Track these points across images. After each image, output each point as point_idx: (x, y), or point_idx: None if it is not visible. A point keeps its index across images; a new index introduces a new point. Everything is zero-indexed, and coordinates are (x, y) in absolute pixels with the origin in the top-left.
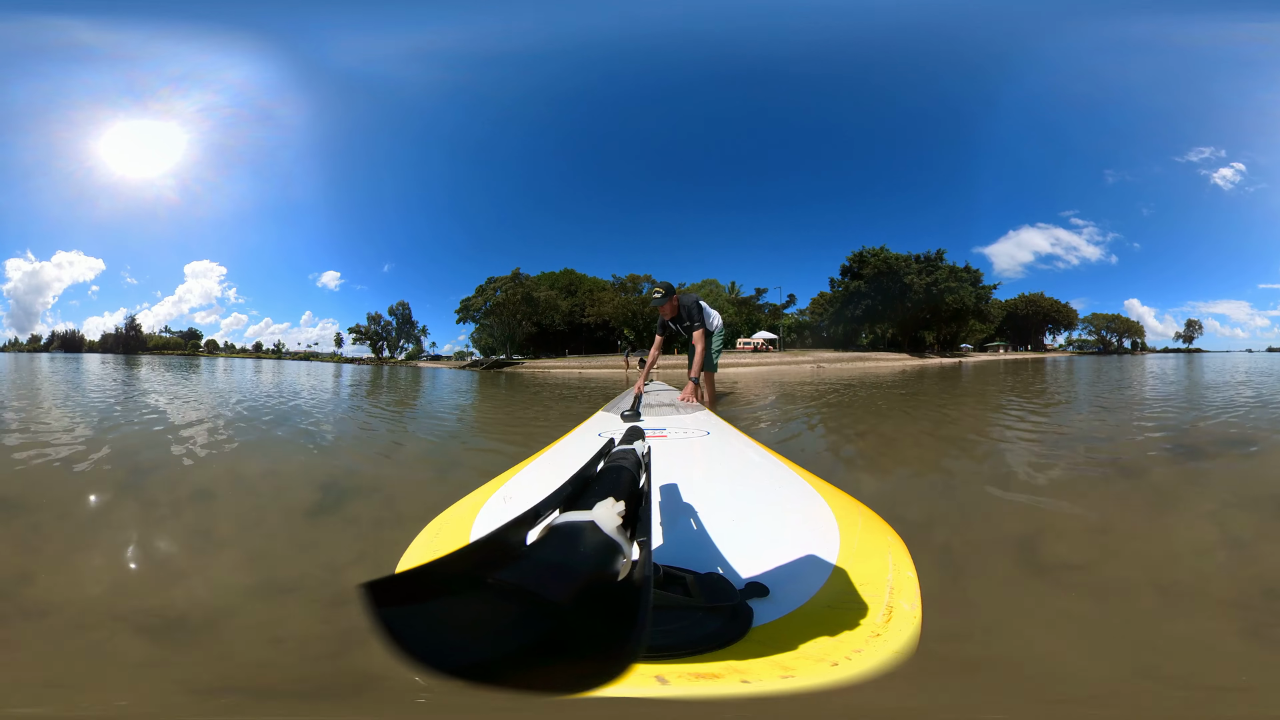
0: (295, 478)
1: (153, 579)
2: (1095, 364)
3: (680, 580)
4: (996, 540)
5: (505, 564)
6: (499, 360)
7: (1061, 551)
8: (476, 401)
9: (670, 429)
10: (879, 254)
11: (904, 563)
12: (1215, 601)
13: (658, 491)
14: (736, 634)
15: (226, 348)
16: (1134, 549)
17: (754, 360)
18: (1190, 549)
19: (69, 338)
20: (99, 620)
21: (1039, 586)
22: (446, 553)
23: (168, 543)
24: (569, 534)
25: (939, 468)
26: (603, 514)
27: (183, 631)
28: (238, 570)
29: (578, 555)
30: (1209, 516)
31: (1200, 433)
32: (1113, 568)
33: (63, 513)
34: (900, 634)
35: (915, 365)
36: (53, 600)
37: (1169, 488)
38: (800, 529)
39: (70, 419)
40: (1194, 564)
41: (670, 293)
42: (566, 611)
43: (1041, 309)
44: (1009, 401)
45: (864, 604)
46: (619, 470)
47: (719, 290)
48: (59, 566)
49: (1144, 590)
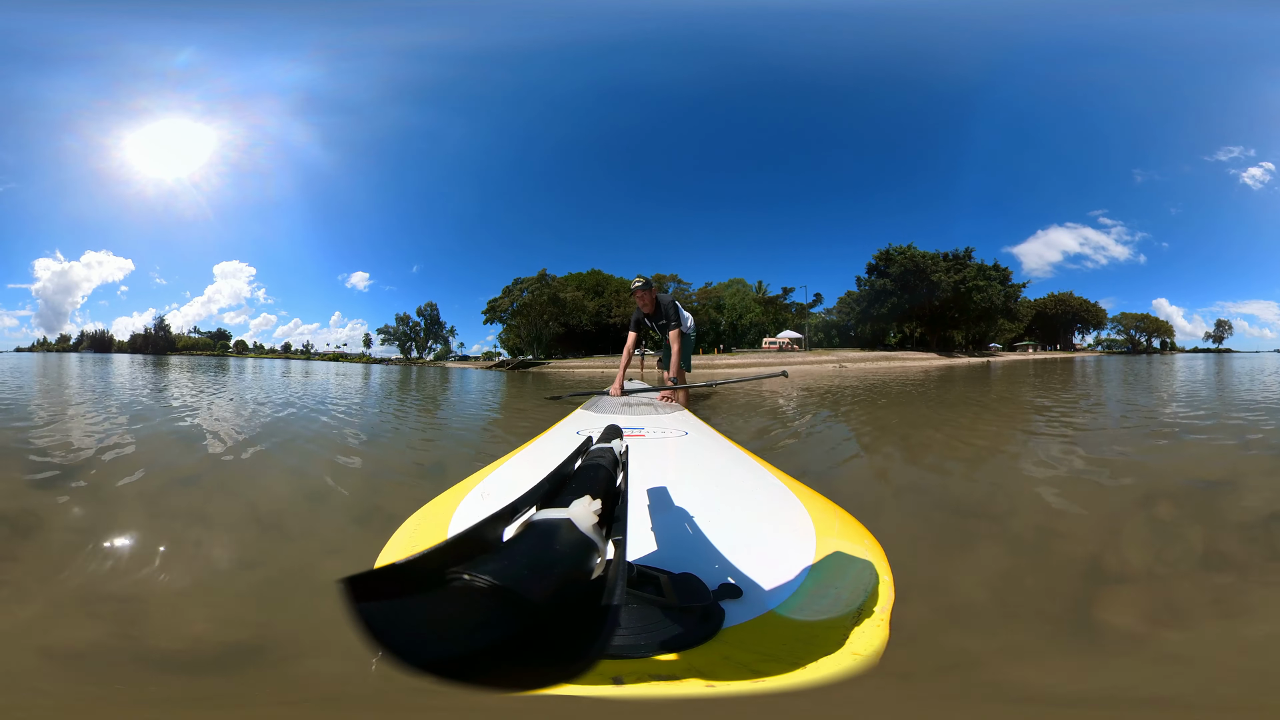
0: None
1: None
2: (1129, 364)
3: (654, 580)
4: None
5: (482, 560)
6: (525, 360)
7: None
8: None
9: (648, 428)
10: (906, 252)
11: (879, 567)
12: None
13: (635, 490)
14: (707, 634)
15: (255, 348)
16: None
17: (776, 360)
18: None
19: (98, 338)
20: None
21: None
22: (425, 548)
23: None
24: (545, 531)
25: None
26: (579, 512)
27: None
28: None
29: (553, 553)
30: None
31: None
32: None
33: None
34: (870, 638)
35: (941, 365)
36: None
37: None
38: (776, 531)
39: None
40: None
41: (648, 283)
42: (540, 610)
43: (1071, 308)
44: (1036, 423)
45: (837, 607)
46: (596, 468)
47: (746, 289)
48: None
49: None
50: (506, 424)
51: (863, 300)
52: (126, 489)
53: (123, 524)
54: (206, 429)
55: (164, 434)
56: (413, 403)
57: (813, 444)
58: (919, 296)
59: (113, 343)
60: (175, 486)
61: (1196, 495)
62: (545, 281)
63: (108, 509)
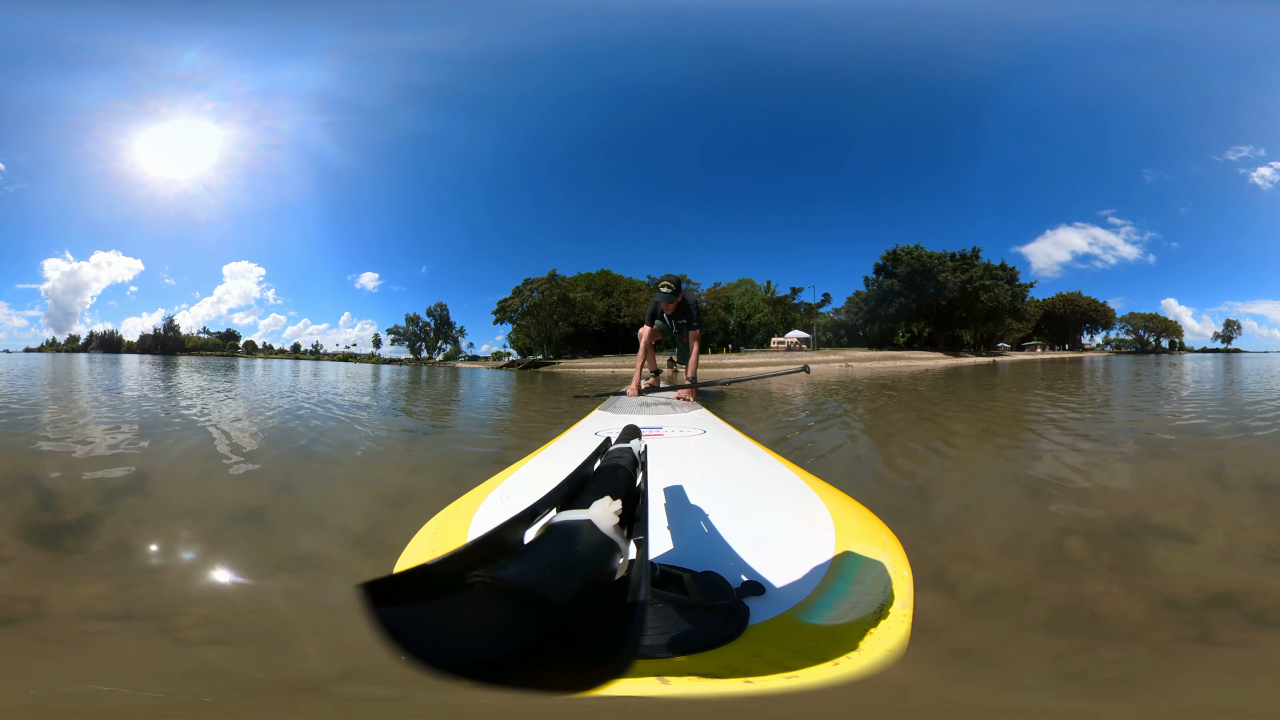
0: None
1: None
2: (1138, 364)
3: (677, 579)
4: None
5: (504, 563)
6: (535, 360)
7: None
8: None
9: (666, 427)
10: (913, 251)
11: (898, 560)
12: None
13: (655, 490)
14: (733, 633)
15: (265, 349)
16: None
17: (784, 360)
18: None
19: (107, 338)
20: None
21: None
22: (445, 552)
23: None
24: (566, 533)
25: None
26: (600, 513)
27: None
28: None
29: (575, 554)
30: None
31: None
32: None
33: None
34: (894, 632)
35: (946, 365)
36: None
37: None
38: (796, 527)
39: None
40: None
41: (678, 289)
42: (566, 612)
43: (1079, 308)
44: (1037, 423)
45: (859, 602)
46: (616, 469)
47: (754, 289)
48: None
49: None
50: (550, 415)
51: (870, 300)
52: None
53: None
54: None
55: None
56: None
57: (811, 435)
58: (926, 296)
59: (122, 343)
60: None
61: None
62: (555, 282)
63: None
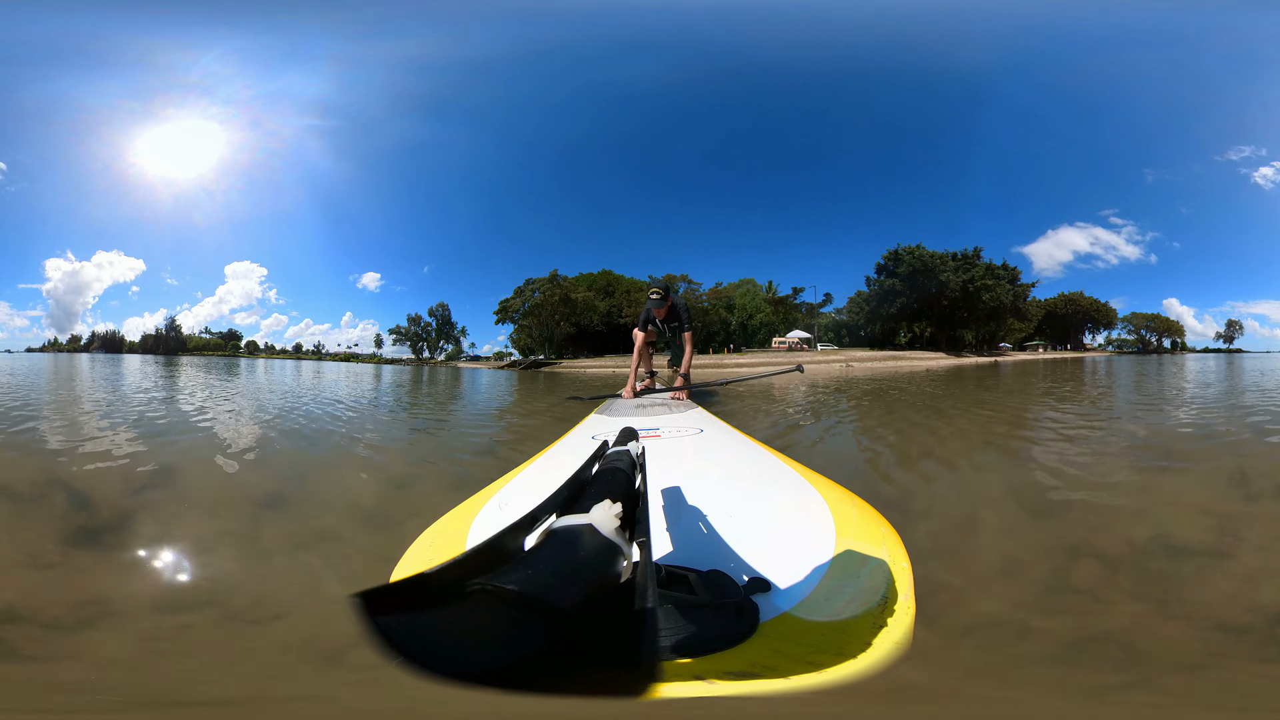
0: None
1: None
2: (1141, 364)
3: (683, 579)
4: None
5: (505, 570)
6: (537, 360)
7: None
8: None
9: (663, 428)
10: (914, 251)
11: (898, 553)
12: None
13: (654, 491)
14: (747, 630)
15: (267, 348)
16: None
17: (785, 360)
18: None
19: (109, 338)
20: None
21: None
22: (443, 561)
23: None
24: (567, 537)
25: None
26: (600, 516)
27: None
28: None
29: (578, 559)
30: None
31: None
32: None
33: None
34: (899, 623)
35: (947, 365)
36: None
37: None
38: (796, 522)
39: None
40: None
41: (667, 294)
42: (573, 617)
43: (1081, 308)
44: (1041, 423)
45: (863, 595)
46: (614, 472)
47: (756, 289)
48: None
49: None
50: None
51: (872, 300)
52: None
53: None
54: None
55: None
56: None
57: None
58: (927, 296)
59: (124, 343)
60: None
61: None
62: (556, 282)
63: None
